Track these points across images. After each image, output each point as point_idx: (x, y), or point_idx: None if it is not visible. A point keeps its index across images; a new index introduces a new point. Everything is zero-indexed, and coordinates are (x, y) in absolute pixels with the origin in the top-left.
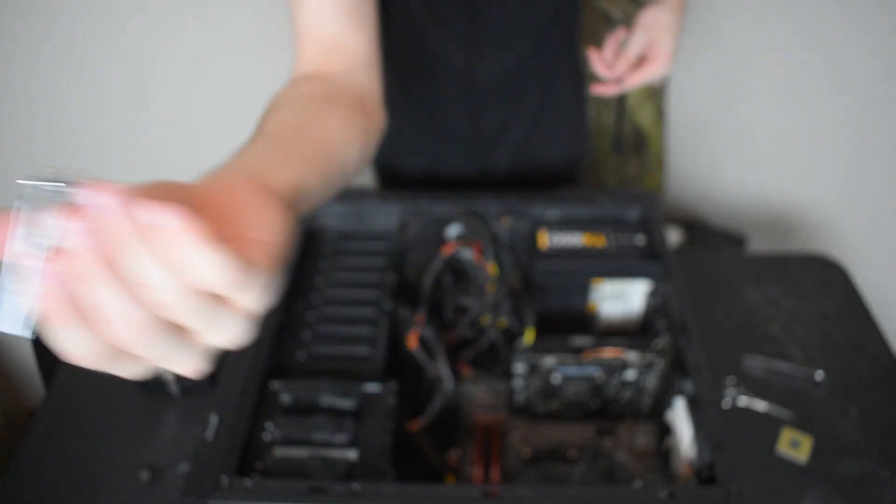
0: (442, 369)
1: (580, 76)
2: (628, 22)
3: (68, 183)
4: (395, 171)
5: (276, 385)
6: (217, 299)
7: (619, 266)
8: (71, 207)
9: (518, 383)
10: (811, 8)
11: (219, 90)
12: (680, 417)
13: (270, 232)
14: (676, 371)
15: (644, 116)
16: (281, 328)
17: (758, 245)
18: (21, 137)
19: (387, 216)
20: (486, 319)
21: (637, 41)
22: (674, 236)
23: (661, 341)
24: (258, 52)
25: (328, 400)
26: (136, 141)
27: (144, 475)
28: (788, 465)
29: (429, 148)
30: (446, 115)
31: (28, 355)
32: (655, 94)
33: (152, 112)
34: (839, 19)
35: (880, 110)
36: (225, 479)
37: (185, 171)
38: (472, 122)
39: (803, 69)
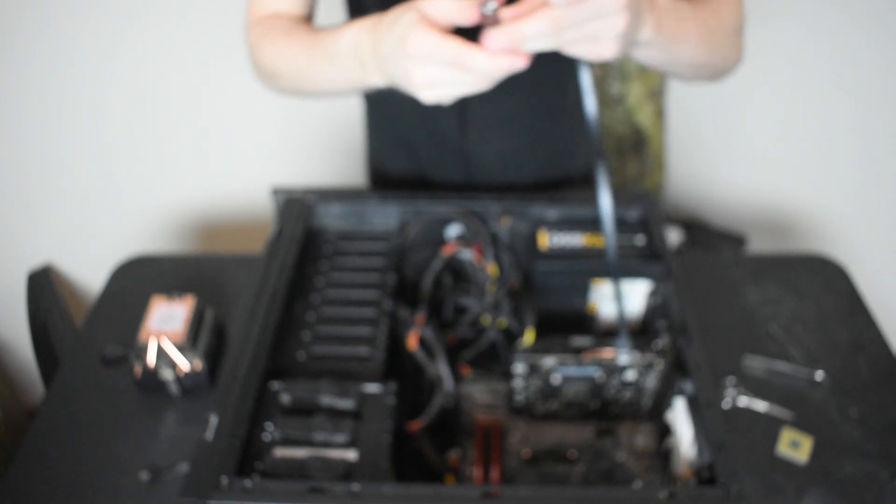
0: (442, 369)
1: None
2: None
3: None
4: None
5: (276, 385)
6: None
7: (620, 266)
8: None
9: (518, 383)
10: (811, 8)
11: (217, 90)
12: (680, 418)
13: None
14: (676, 371)
15: (644, 116)
16: (281, 328)
17: (758, 245)
18: (19, 138)
19: (387, 216)
20: (486, 319)
21: None
22: (674, 236)
23: (661, 341)
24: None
25: (328, 400)
26: (135, 141)
27: (144, 475)
28: (788, 466)
29: (420, 155)
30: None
31: (28, 355)
32: (655, 94)
33: (150, 112)
34: (839, 19)
35: (881, 110)
36: (225, 480)
37: (183, 170)
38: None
39: (803, 69)
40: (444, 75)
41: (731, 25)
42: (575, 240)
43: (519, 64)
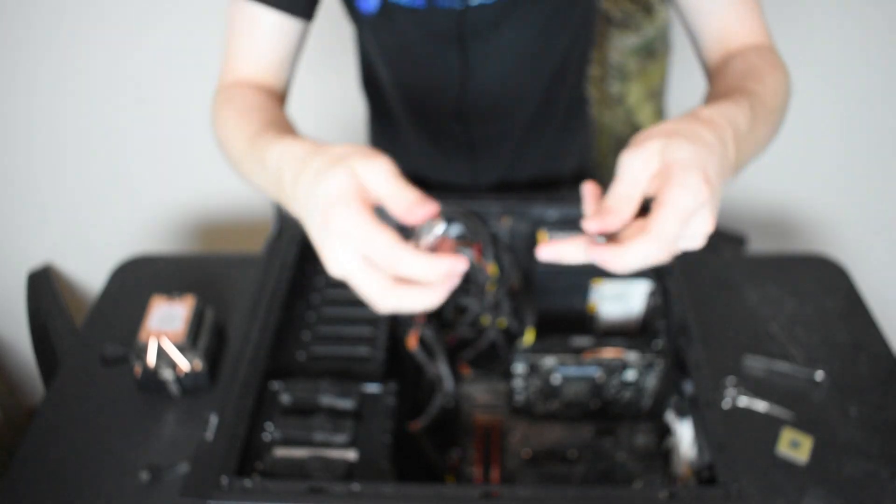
0: (442, 369)
1: (585, 97)
2: (629, 23)
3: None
4: None
5: (276, 385)
6: None
7: None
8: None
9: (518, 383)
10: (810, 8)
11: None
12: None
13: None
14: (676, 371)
15: (644, 116)
16: (281, 328)
17: (758, 245)
18: (20, 138)
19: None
20: (486, 319)
21: (632, 167)
22: None
23: (661, 342)
24: None
25: (328, 400)
26: (135, 141)
27: (144, 475)
28: (788, 466)
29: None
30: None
31: (28, 355)
32: (655, 94)
33: (150, 112)
34: (838, 19)
35: (880, 110)
36: (225, 480)
37: (183, 170)
38: (473, 166)
39: (802, 69)
40: (362, 269)
41: (784, 90)
42: None
43: (460, 268)
